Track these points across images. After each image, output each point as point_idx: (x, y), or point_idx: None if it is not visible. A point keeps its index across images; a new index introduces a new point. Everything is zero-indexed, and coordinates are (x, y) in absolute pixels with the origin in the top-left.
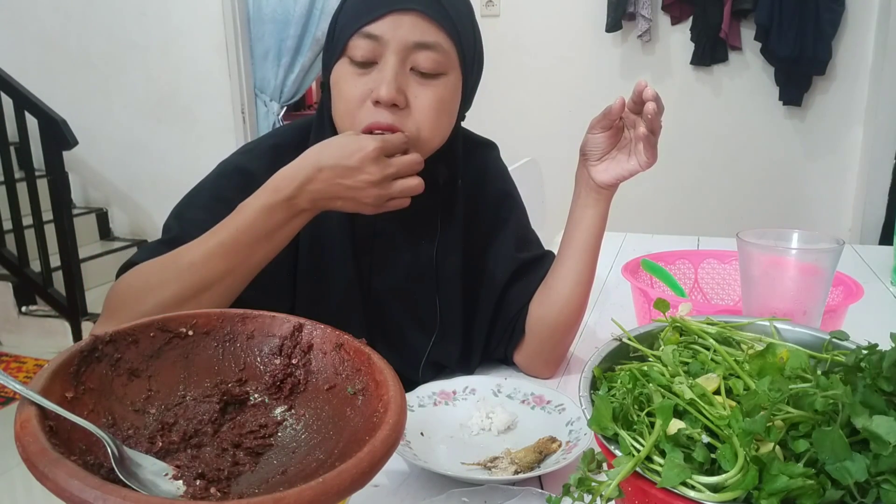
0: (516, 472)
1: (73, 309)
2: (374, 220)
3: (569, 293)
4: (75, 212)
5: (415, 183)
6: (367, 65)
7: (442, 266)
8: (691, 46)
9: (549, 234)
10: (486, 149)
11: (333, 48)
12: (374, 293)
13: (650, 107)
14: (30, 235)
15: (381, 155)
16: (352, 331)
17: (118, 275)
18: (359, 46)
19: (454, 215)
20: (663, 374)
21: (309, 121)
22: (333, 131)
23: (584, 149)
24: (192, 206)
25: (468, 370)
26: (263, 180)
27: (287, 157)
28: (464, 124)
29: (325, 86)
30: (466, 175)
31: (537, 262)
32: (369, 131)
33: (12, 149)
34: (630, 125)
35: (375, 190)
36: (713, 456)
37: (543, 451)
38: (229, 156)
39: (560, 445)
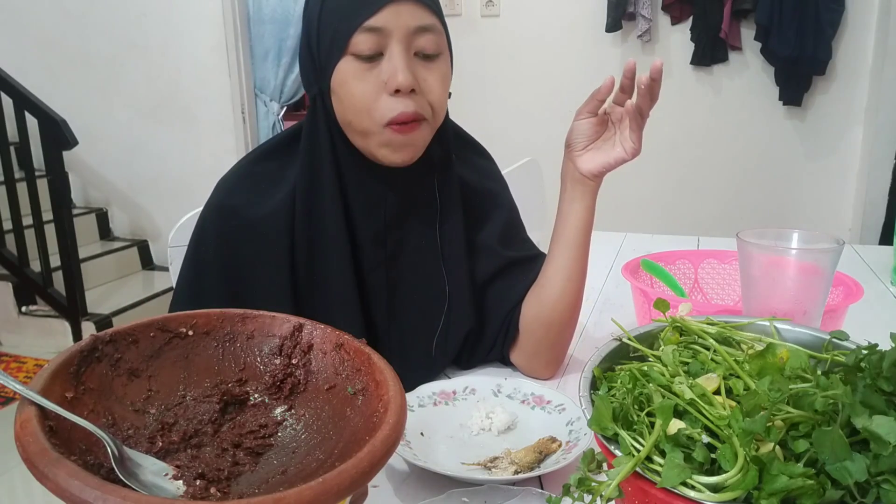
0: (516, 472)
1: (73, 309)
2: (385, 211)
3: (560, 290)
4: (75, 212)
5: None
6: (373, 58)
7: (445, 240)
8: (691, 46)
9: (549, 235)
10: (473, 148)
11: (330, 50)
12: (391, 280)
13: (644, 77)
14: (30, 235)
15: None
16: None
17: None
18: (363, 41)
19: (452, 191)
20: (663, 374)
21: (282, 141)
22: (339, 134)
23: (570, 138)
24: (203, 290)
25: (471, 360)
26: (247, 214)
27: (268, 183)
28: (462, 124)
29: (322, 93)
30: (457, 165)
31: (528, 262)
32: (394, 123)
33: (12, 149)
34: (616, 119)
35: None
36: (713, 456)
37: (543, 451)
38: (212, 193)
39: (560, 445)
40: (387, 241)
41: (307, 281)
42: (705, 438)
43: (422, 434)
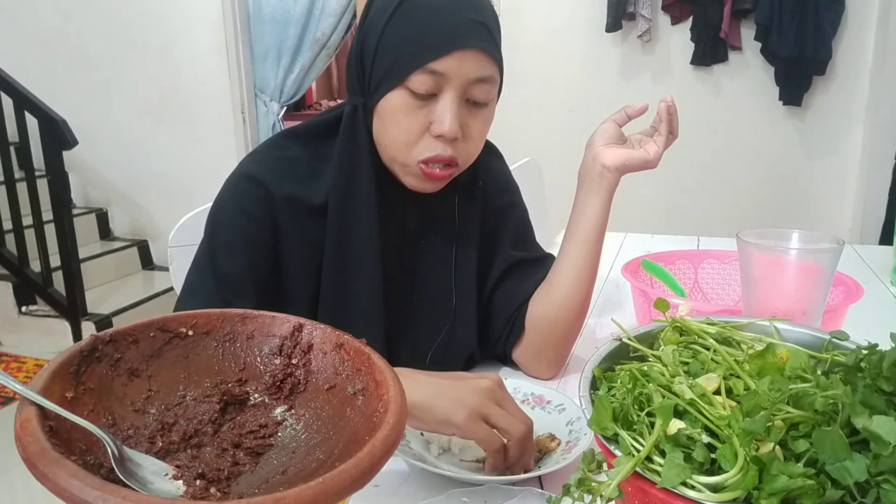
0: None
1: (73, 309)
2: (405, 224)
3: (569, 288)
4: (75, 212)
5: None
6: (427, 97)
7: (460, 259)
8: (691, 46)
9: (549, 235)
10: (489, 151)
11: (384, 77)
12: (403, 292)
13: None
14: (30, 235)
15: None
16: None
17: None
18: (421, 82)
19: (472, 213)
20: (663, 374)
21: (315, 131)
22: (374, 151)
23: (592, 137)
24: (222, 255)
25: (471, 364)
26: (274, 191)
27: (298, 170)
28: None
29: (365, 107)
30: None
31: (536, 263)
32: (430, 163)
33: (12, 149)
34: (636, 141)
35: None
36: (713, 456)
37: (543, 449)
38: (237, 166)
39: (559, 443)
40: (403, 254)
41: (333, 277)
42: (705, 438)
43: (422, 434)
